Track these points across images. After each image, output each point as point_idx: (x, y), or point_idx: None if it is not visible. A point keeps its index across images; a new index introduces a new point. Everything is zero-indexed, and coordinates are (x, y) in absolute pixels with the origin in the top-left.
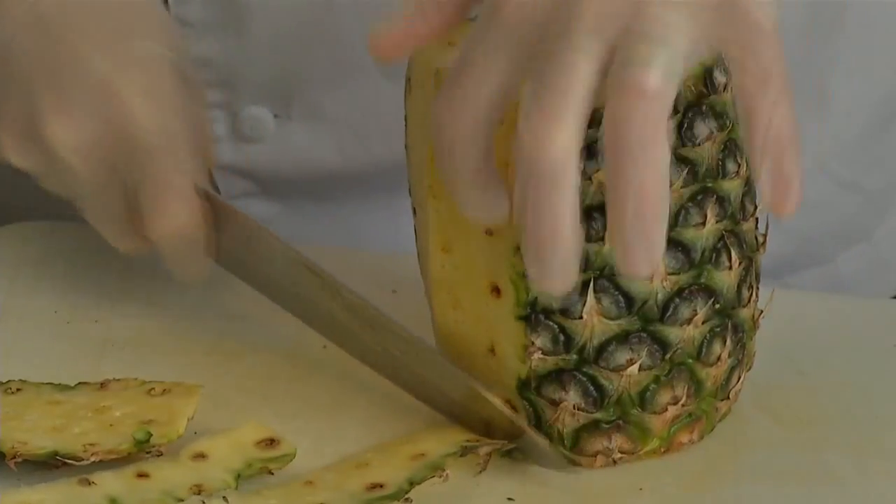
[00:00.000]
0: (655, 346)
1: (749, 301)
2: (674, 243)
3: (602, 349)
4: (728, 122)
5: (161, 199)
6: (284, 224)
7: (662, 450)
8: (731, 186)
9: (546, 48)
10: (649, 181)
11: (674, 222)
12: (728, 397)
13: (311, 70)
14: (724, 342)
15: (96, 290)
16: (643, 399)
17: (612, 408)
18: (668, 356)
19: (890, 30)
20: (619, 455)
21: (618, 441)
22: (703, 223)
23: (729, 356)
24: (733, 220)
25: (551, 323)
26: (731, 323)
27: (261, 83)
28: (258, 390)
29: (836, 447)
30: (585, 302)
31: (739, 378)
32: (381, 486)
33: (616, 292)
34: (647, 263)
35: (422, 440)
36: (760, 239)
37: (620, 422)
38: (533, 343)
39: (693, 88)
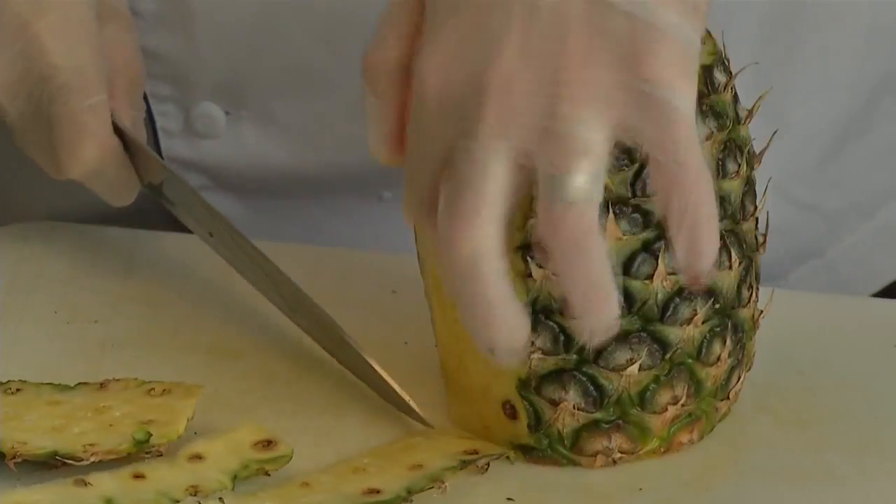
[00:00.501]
0: (655, 346)
1: (749, 301)
2: None
3: (602, 349)
4: (728, 122)
5: (71, 138)
6: (242, 217)
7: (662, 450)
8: (731, 186)
9: (460, 144)
10: (593, 274)
11: None
12: (728, 397)
13: (260, 74)
14: (724, 342)
15: (96, 290)
16: (643, 399)
17: (612, 407)
18: (667, 356)
19: (845, 49)
20: (619, 455)
21: (618, 441)
22: None
23: (729, 356)
24: (733, 220)
25: (551, 323)
26: (731, 323)
27: (212, 81)
28: (257, 391)
29: (836, 447)
30: None
31: (739, 378)
32: (378, 491)
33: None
34: (600, 334)
35: (420, 449)
36: (760, 239)
37: (620, 421)
38: (533, 343)
39: None
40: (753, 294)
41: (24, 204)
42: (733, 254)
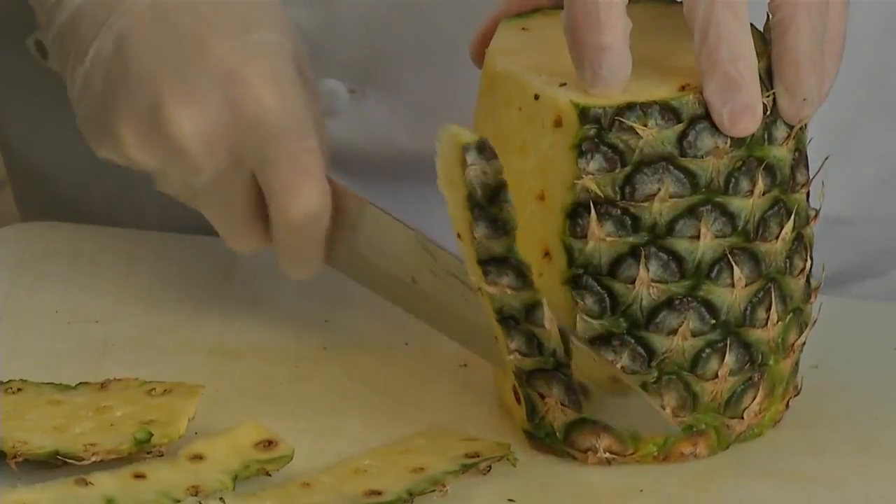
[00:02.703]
0: (640, 351)
1: (767, 323)
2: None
3: (529, 375)
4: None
5: (294, 178)
6: None
7: (662, 457)
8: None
9: None
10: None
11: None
12: (742, 416)
13: (394, 48)
14: (723, 358)
15: (97, 290)
16: (567, 432)
17: (539, 426)
18: (654, 363)
19: None
20: (610, 455)
21: (605, 441)
22: (698, 236)
23: (731, 374)
24: (745, 238)
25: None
26: (739, 341)
27: (344, 57)
28: (258, 391)
29: (837, 448)
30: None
31: (755, 399)
32: (380, 493)
33: (599, 288)
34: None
35: (421, 451)
36: (800, 265)
37: (547, 440)
38: (508, 346)
39: None
40: (772, 317)
41: (24, 204)
42: (736, 272)
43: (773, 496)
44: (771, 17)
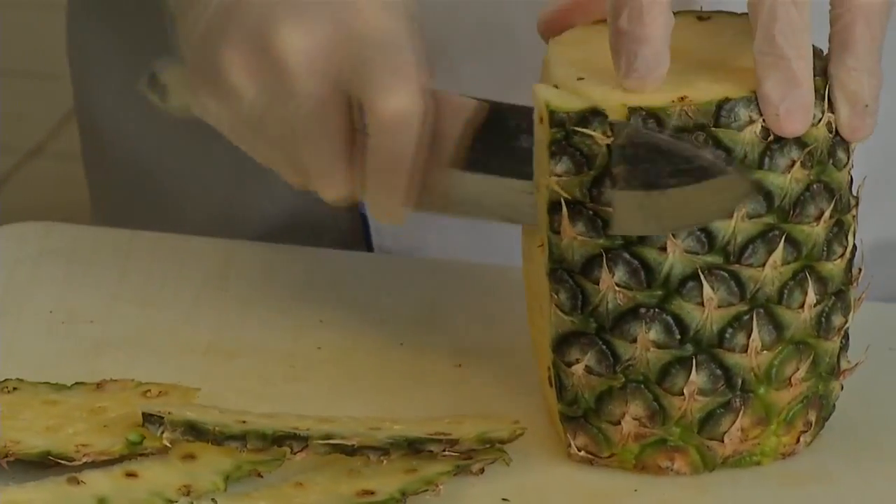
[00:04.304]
0: (606, 353)
1: (748, 350)
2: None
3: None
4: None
5: (387, 82)
6: None
7: (639, 466)
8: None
9: None
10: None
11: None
12: (722, 440)
13: (455, 32)
14: (689, 375)
15: (92, 290)
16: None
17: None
18: (618, 369)
19: None
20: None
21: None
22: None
23: (701, 393)
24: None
25: None
26: (713, 361)
27: None
28: (253, 391)
29: (834, 449)
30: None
31: (734, 423)
32: (373, 493)
33: (573, 284)
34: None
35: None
36: (776, 294)
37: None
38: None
39: None
40: (756, 343)
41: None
42: (706, 291)
43: (770, 497)
44: (832, 26)
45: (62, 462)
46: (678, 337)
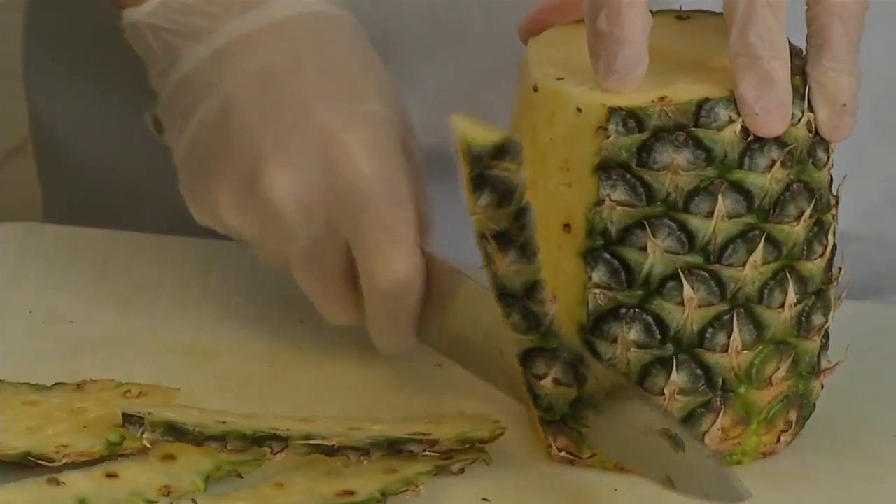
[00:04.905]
0: (569, 362)
1: (728, 349)
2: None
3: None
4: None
5: (382, 245)
6: None
7: (620, 468)
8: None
9: None
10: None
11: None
12: (703, 440)
13: (407, 29)
14: (669, 375)
15: (72, 290)
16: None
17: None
18: (577, 372)
19: None
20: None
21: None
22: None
23: (682, 393)
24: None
25: None
26: (694, 361)
27: None
28: (234, 391)
29: (814, 448)
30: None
31: (714, 423)
32: (353, 493)
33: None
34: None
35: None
36: (756, 294)
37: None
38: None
39: None
40: (737, 343)
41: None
42: (686, 291)
43: (752, 496)
44: (808, 27)
45: (42, 463)
46: (659, 337)
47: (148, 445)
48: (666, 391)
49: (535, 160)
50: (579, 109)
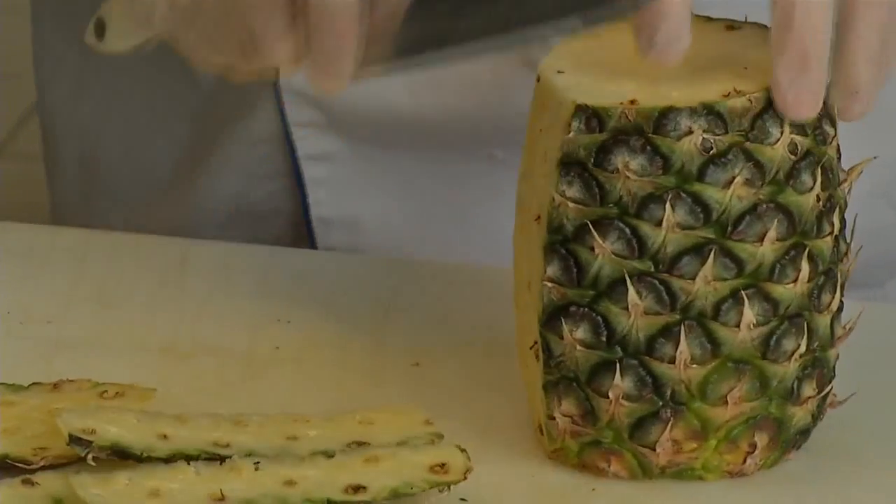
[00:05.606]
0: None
1: (676, 361)
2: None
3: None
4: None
5: None
6: (347, 163)
7: (580, 465)
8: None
9: None
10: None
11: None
12: (654, 449)
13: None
14: (614, 375)
15: (49, 290)
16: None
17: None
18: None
19: None
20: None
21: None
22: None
23: (627, 399)
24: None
25: None
26: (641, 367)
27: None
28: (210, 390)
29: (806, 455)
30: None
31: (663, 433)
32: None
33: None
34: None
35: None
36: (711, 311)
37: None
38: None
39: None
40: (685, 355)
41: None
42: (631, 296)
43: (728, 497)
44: (838, 13)
45: (19, 465)
46: (604, 339)
47: (93, 464)
48: (611, 394)
49: (530, 148)
50: (559, 104)
